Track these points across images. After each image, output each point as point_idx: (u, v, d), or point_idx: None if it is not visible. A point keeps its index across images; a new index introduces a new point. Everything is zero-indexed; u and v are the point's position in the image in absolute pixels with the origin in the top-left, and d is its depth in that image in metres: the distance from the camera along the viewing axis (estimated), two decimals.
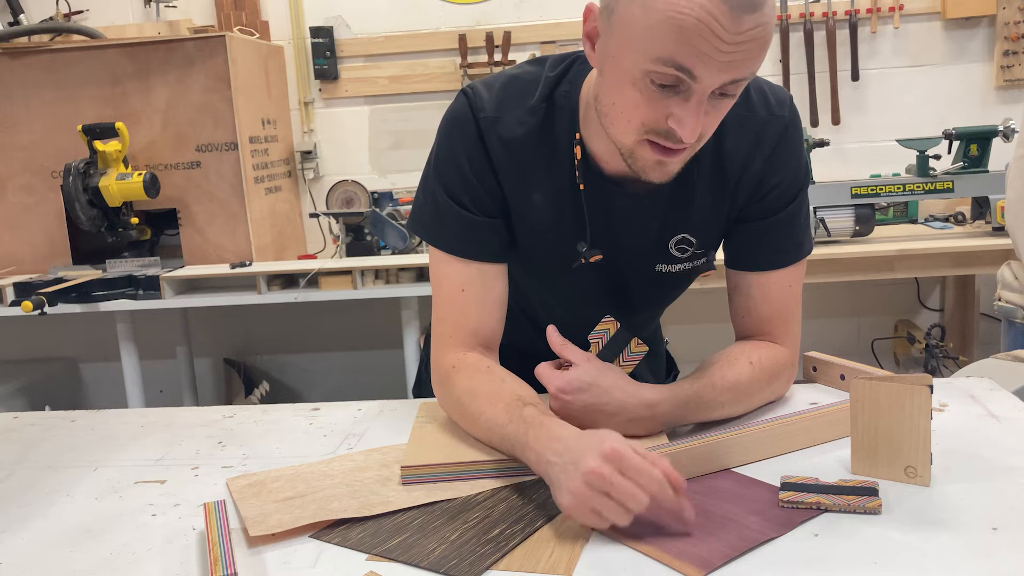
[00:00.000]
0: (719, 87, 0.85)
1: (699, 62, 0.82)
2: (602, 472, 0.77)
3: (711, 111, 0.88)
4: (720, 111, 0.89)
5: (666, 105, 0.87)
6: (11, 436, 1.19)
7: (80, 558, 0.83)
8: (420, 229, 1.11)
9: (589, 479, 0.78)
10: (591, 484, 0.78)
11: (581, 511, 0.79)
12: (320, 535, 0.84)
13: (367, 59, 3.03)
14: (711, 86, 0.84)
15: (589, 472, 0.78)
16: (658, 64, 0.83)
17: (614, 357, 1.01)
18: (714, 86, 0.84)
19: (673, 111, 0.86)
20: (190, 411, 1.28)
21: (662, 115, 0.87)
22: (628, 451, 0.79)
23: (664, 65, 0.83)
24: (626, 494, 0.77)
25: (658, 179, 0.94)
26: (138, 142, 2.60)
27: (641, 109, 0.88)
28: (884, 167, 2.81)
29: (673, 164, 0.93)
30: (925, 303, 3.05)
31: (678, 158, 0.92)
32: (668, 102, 0.86)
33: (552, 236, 1.07)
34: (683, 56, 0.82)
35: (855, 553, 0.75)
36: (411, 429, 1.07)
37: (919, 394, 0.86)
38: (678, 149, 0.90)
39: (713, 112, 0.88)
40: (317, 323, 3.19)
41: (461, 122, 1.05)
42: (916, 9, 2.84)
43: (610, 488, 0.77)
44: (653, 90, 0.86)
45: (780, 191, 1.06)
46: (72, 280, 2.45)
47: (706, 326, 2.72)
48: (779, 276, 1.09)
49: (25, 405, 2.93)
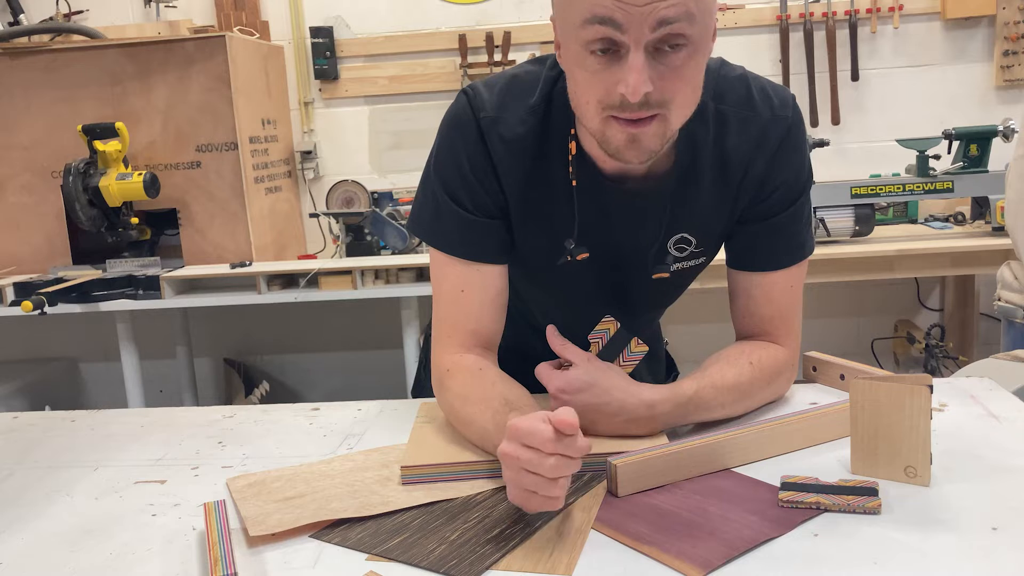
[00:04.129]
0: (654, 36, 0.85)
1: (618, 10, 0.83)
2: (506, 451, 0.80)
3: (666, 72, 0.87)
4: (677, 70, 0.88)
5: (611, 74, 0.87)
6: (11, 436, 1.19)
7: (80, 558, 0.83)
8: (420, 229, 1.11)
9: (504, 463, 0.81)
10: (508, 467, 0.80)
11: (520, 498, 0.81)
12: (320, 535, 0.84)
13: (367, 59, 3.03)
14: (641, 35, 0.84)
15: (501, 456, 0.80)
16: (586, 28, 0.85)
17: (614, 357, 1.01)
18: (645, 34, 0.84)
19: (619, 77, 0.87)
20: (190, 411, 1.28)
21: (612, 85, 0.88)
22: (521, 422, 0.79)
23: (589, 25, 0.85)
24: (532, 463, 0.78)
25: (636, 159, 0.93)
26: (138, 142, 2.60)
27: (593, 87, 0.89)
28: (884, 167, 2.81)
29: (646, 138, 0.91)
30: (925, 303, 3.05)
31: (647, 130, 0.90)
32: (612, 71, 0.87)
33: (550, 236, 1.07)
34: (602, 9, 0.84)
35: (855, 553, 0.75)
36: (411, 429, 1.07)
37: (919, 394, 0.86)
38: (640, 118, 0.89)
39: (669, 74, 0.87)
40: (317, 323, 3.19)
41: (462, 123, 1.05)
42: (916, 9, 2.84)
43: (521, 463, 0.78)
44: (594, 62, 0.87)
45: (783, 192, 1.06)
46: (72, 280, 2.45)
47: (706, 326, 2.72)
48: (780, 276, 1.09)
49: (25, 405, 2.93)
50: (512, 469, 0.80)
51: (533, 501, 0.80)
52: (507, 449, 0.80)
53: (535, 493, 0.79)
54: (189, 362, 2.98)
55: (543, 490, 0.79)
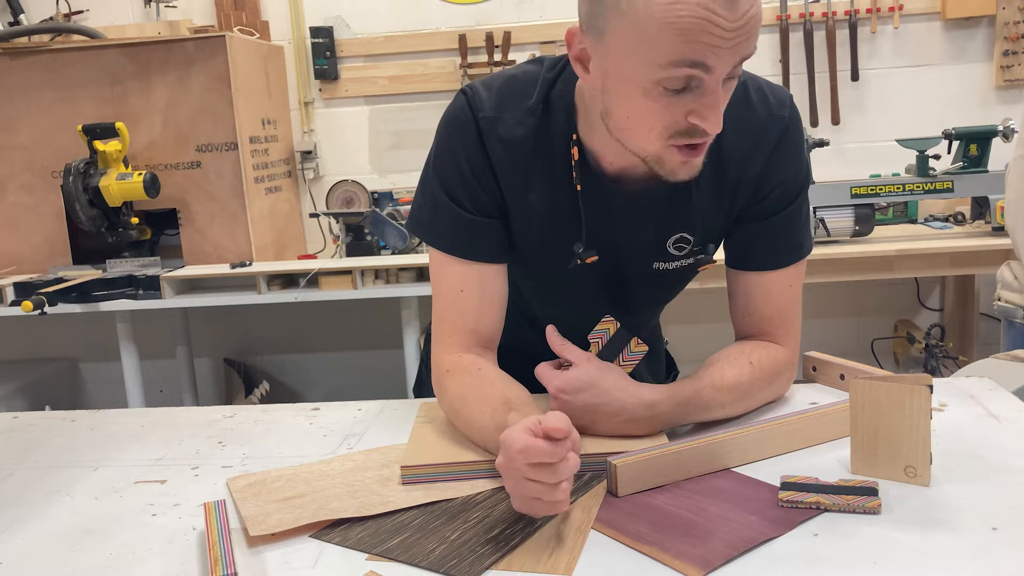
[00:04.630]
0: (728, 72, 0.87)
1: (710, 54, 0.83)
2: (503, 464, 0.81)
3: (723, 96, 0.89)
4: (729, 94, 0.91)
5: (683, 105, 0.88)
6: (11, 436, 1.19)
7: (80, 558, 0.83)
8: (419, 229, 1.11)
9: (504, 475, 0.81)
10: (508, 478, 0.81)
11: (524, 506, 0.81)
12: (320, 535, 0.84)
13: (367, 59, 3.03)
14: (723, 74, 0.86)
15: (499, 469, 0.81)
16: (669, 69, 0.85)
17: (614, 357, 1.01)
18: (725, 73, 0.86)
19: (691, 108, 0.88)
20: (190, 411, 1.28)
21: (681, 116, 0.89)
22: (511, 435, 0.80)
23: (676, 68, 0.84)
24: (532, 472, 0.78)
25: (687, 176, 0.95)
26: (138, 142, 2.60)
27: (661, 116, 0.89)
28: (884, 167, 2.81)
29: (699, 160, 0.94)
30: (925, 303, 3.05)
31: (703, 153, 0.93)
32: (684, 101, 0.88)
33: (549, 236, 1.07)
34: (694, 54, 0.83)
35: (855, 553, 0.75)
36: (411, 429, 1.07)
37: (919, 394, 0.86)
38: (703, 144, 0.92)
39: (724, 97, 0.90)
40: (317, 323, 3.19)
41: (460, 122, 1.05)
42: (916, 9, 2.84)
43: (521, 474, 0.79)
44: (667, 95, 0.87)
45: (781, 191, 1.06)
46: (72, 280, 2.45)
47: (706, 326, 2.72)
48: (779, 276, 1.09)
49: (25, 405, 2.93)
50: (512, 480, 0.80)
51: (538, 507, 0.80)
52: (501, 461, 0.81)
53: (539, 500, 0.79)
54: (189, 362, 2.98)
55: (547, 496, 0.79)
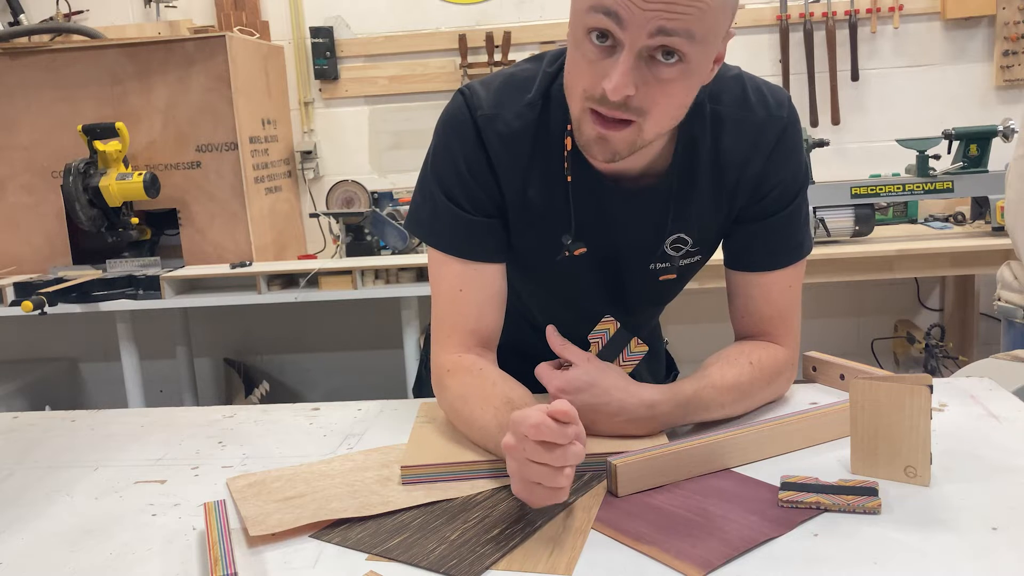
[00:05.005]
0: (649, 43, 0.85)
1: (622, 6, 0.84)
2: (510, 443, 0.80)
3: (652, 81, 0.87)
4: (665, 83, 0.88)
5: (602, 67, 0.88)
6: (11, 436, 1.19)
7: (80, 558, 0.83)
8: (418, 229, 1.11)
9: (509, 455, 0.81)
10: (513, 459, 0.80)
11: (524, 491, 0.81)
12: (320, 535, 0.84)
13: (367, 59, 3.03)
14: (638, 38, 0.85)
15: (506, 449, 0.81)
16: (590, 13, 0.86)
17: (614, 357, 1.01)
18: (640, 38, 0.85)
19: (607, 71, 0.87)
20: (190, 411, 1.28)
21: (599, 78, 0.88)
22: (521, 415, 0.79)
23: (594, 12, 0.86)
24: (538, 453, 0.78)
25: (602, 157, 0.94)
26: (138, 142, 2.60)
27: (584, 73, 0.90)
28: (884, 167, 2.82)
29: (615, 141, 0.92)
30: (925, 303, 3.05)
31: (619, 134, 0.91)
32: (604, 64, 0.88)
33: (545, 231, 1.07)
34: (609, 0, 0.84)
35: (855, 553, 0.75)
36: (411, 429, 1.07)
37: (919, 394, 0.86)
38: (614, 119, 0.90)
39: (656, 84, 0.88)
40: (317, 323, 3.19)
41: (458, 122, 1.05)
42: (916, 9, 2.84)
43: (527, 454, 0.78)
44: (591, 49, 0.88)
45: (780, 192, 1.06)
46: (72, 280, 2.45)
47: (706, 326, 2.72)
48: (779, 276, 1.09)
49: (25, 405, 2.93)
50: (517, 461, 0.80)
51: (538, 493, 0.80)
52: (511, 441, 0.80)
53: (540, 485, 0.79)
54: (189, 362, 2.98)
55: (549, 480, 0.78)
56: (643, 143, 0.94)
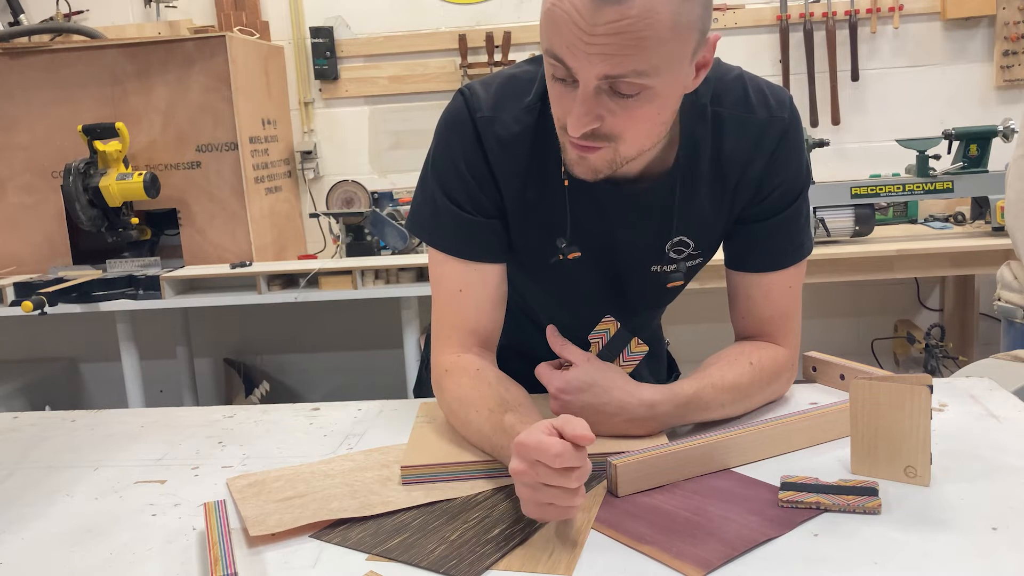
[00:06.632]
0: (602, 81, 0.86)
1: (568, 53, 0.85)
2: (519, 468, 0.79)
3: (618, 111, 0.88)
4: (630, 111, 0.88)
5: (567, 103, 0.89)
6: (11, 436, 1.19)
7: (80, 558, 0.83)
8: (418, 229, 1.11)
9: (519, 481, 0.80)
10: (523, 484, 0.80)
11: (537, 512, 0.80)
12: (320, 535, 0.84)
13: (367, 59, 3.03)
14: (589, 80, 0.86)
15: (513, 473, 0.80)
16: (548, 56, 0.88)
17: (614, 357, 1.01)
18: (591, 79, 0.85)
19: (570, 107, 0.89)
20: (190, 411, 1.28)
21: (566, 113, 0.90)
22: (527, 439, 0.78)
23: (550, 57, 0.88)
24: (551, 477, 0.77)
25: (583, 175, 0.96)
26: (138, 142, 2.60)
27: (557, 103, 0.92)
28: (884, 167, 2.81)
29: (595, 161, 0.93)
30: (925, 303, 3.05)
31: (597, 155, 0.92)
32: (569, 98, 0.89)
33: (544, 233, 1.07)
34: (556, 47, 0.86)
35: (855, 553, 0.75)
36: (411, 429, 1.07)
37: (919, 394, 0.86)
38: (586, 146, 0.91)
39: (621, 112, 0.88)
40: (317, 323, 3.19)
41: (458, 123, 1.05)
42: (916, 9, 2.84)
43: (537, 478, 0.78)
44: (556, 87, 0.90)
45: (781, 192, 1.06)
46: (72, 280, 2.45)
47: (706, 326, 2.72)
48: (779, 277, 1.09)
49: (25, 405, 2.93)
50: (529, 486, 0.79)
51: (551, 512, 0.80)
52: (519, 467, 0.79)
53: (553, 505, 0.79)
54: (189, 362, 2.98)
55: (563, 501, 0.78)
56: (624, 160, 0.94)
